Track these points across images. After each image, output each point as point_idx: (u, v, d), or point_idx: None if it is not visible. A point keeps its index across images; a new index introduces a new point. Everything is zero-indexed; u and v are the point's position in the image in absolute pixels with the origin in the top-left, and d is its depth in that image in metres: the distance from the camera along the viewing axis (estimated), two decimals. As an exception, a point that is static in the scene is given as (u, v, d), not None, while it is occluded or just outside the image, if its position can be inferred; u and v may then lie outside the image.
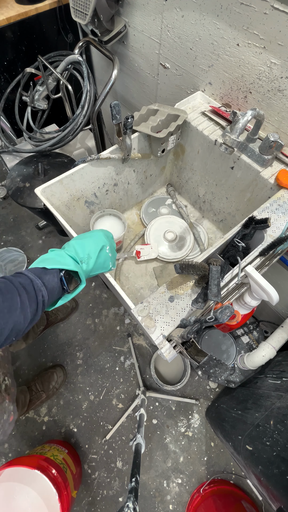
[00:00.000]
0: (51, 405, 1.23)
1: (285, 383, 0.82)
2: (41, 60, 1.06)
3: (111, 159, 0.78)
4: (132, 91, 1.21)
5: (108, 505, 1.08)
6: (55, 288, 0.48)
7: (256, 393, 0.91)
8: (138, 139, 0.82)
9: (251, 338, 1.10)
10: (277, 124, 0.72)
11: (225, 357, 1.05)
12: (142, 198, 1.09)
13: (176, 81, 0.95)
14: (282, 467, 0.65)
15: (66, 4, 1.09)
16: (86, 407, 1.22)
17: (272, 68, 0.65)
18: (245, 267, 0.54)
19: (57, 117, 1.39)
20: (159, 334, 0.51)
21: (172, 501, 1.08)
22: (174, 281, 0.57)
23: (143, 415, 0.91)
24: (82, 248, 0.54)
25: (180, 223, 1.01)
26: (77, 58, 1.02)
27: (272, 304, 0.54)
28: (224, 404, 1.07)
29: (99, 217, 0.91)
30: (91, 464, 1.13)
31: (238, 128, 0.58)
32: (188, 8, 0.75)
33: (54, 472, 0.85)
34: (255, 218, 0.62)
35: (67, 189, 0.77)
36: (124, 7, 0.94)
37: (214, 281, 0.52)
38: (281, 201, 0.67)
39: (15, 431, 1.19)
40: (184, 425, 1.19)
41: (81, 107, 1.02)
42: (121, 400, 1.23)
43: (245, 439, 0.82)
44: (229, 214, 0.94)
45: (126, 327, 1.37)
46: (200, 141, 0.84)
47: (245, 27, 0.65)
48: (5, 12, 1.02)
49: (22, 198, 1.03)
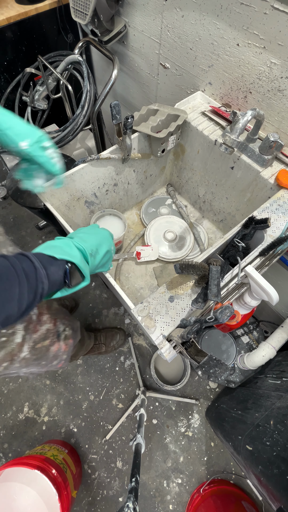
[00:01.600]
0: (51, 405, 1.23)
1: (285, 383, 0.82)
2: (41, 60, 1.06)
3: (111, 159, 0.78)
4: (132, 91, 1.21)
5: (108, 505, 1.08)
6: (57, 281, 0.44)
7: (256, 393, 0.91)
8: (138, 139, 0.82)
9: (251, 338, 1.10)
10: (277, 124, 0.72)
11: (225, 357, 1.05)
12: (142, 198, 1.09)
13: (176, 81, 0.95)
14: (282, 467, 0.65)
15: (66, 4, 1.09)
16: (86, 407, 1.22)
17: (272, 68, 0.65)
18: (245, 267, 0.54)
19: (57, 117, 1.39)
20: (159, 334, 0.51)
21: (172, 501, 1.08)
22: (174, 281, 0.57)
23: (143, 415, 0.91)
24: (91, 243, 0.51)
25: (180, 223, 1.01)
26: (77, 58, 1.02)
27: (272, 304, 0.54)
28: (224, 404, 1.07)
29: (99, 217, 0.91)
30: (91, 464, 1.13)
31: (238, 128, 0.58)
32: (188, 8, 0.75)
33: (54, 472, 0.85)
34: (255, 218, 0.62)
35: (67, 189, 0.77)
36: (124, 7, 0.94)
37: (214, 281, 0.52)
38: (281, 201, 0.67)
39: (15, 431, 1.19)
40: (184, 425, 1.19)
41: (81, 107, 1.02)
42: (121, 400, 1.23)
43: (245, 439, 0.82)
44: (229, 214, 0.94)
45: (126, 327, 1.37)
46: (200, 141, 0.84)
47: (245, 27, 0.65)
48: (5, 12, 1.02)
49: (22, 198, 1.03)
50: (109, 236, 0.58)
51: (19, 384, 1.27)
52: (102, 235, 0.56)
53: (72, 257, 0.45)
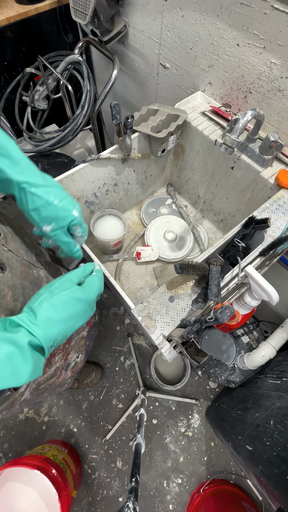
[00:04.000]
0: (51, 405, 1.23)
1: (285, 383, 0.82)
2: (41, 60, 1.06)
3: (111, 159, 0.78)
4: (132, 91, 1.21)
5: (108, 505, 1.08)
6: None
7: (256, 393, 0.91)
8: (138, 139, 0.82)
9: (251, 338, 1.10)
10: (277, 124, 0.72)
11: (225, 357, 1.05)
12: (142, 198, 1.09)
13: (176, 81, 0.95)
14: (282, 467, 0.65)
15: (66, 4, 1.09)
16: (86, 407, 1.22)
17: (272, 68, 0.65)
18: (245, 267, 0.54)
19: (57, 117, 1.39)
20: (159, 334, 0.51)
21: (172, 501, 1.08)
22: (174, 281, 0.57)
23: (143, 415, 0.91)
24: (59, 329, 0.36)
25: (180, 223, 1.01)
26: (77, 58, 1.02)
27: (272, 304, 0.54)
28: (224, 404, 1.07)
29: (99, 217, 0.91)
30: (91, 464, 1.13)
31: (238, 128, 0.58)
32: (188, 8, 0.75)
33: (54, 472, 0.84)
34: (255, 218, 0.62)
35: (67, 189, 0.77)
36: (124, 7, 0.94)
37: (214, 281, 0.52)
38: (281, 201, 0.67)
39: (15, 431, 1.19)
40: (184, 425, 1.19)
41: (81, 107, 1.02)
42: (121, 400, 1.23)
43: (245, 439, 0.82)
44: (229, 214, 0.94)
45: (126, 327, 1.37)
46: (200, 141, 0.84)
47: (245, 27, 0.65)
48: (5, 12, 1.02)
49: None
50: (90, 309, 0.41)
51: (19, 384, 1.26)
52: (81, 310, 0.39)
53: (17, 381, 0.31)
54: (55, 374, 0.58)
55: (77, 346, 0.66)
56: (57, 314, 0.36)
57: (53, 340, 0.35)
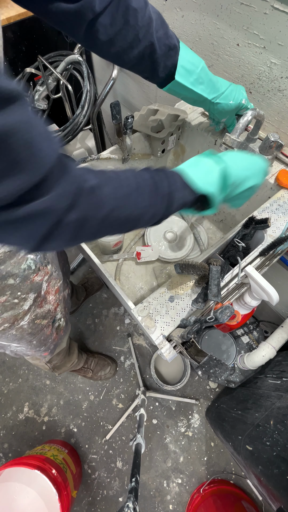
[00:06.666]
0: (51, 405, 1.23)
1: (285, 383, 0.82)
2: (41, 60, 1.06)
3: (111, 159, 0.78)
4: (132, 91, 1.21)
5: (108, 505, 1.08)
6: (181, 206, 0.43)
7: (256, 393, 0.91)
8: (138, 139, 0.82)
9: (251, 338, 1.10)
10: (277, 124, 0.72)
11: (225, 357, 1.05)
12: (142, 198, 1.09)
13: (176, 81, 0.95)
14: (282, 467, 0.65)
15: (66, 4, 1.09)
16: (86, 407, 1.22)
17: (272, 68, 0.65)
18: (245, 267, 0.54)
19: (57, 117, 1.39)
20: (159, 334, 0.51)
21: (172, 501, 1.08)
22: (174, 281, 0.57)
23: (143, 415, 0.91)
24: (240, 173, 0.46)
25: (180, 223, 1.01)
26: (77, 58, 1.02)
27: (272, 304, 0.54)
28: (224, 404, 1.07)
29: (99, 217, 0.91)
30: (91, 464, 1.13)
31: (238, 128, 0.58)
32: (188, 8, 0.75)
33: (54, 472, 0.85)
34: (255, 218, 0.62)
35: (67, 189, 0.77)
36: (124, 7, 0.94)
37: (214, 281, 0.52)
38: (281, 201, 0.67)
39: (15, 431, 1.19)
40: (184, 425, 1.19)
41: (81, 107, 1.02)
42: (121, 400, 1.23)
43: (245, 439, 0.82)
44: (229, 214, 0.94)
45: (126, 327, 1.37)
46: (200, 141, 0.84)
47: (245, 27, 0.65)
48: (5, 12, 1.02)
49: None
50: (264, 170, 0.51)
51: (19, 384, 1.27)
52: (257, 167, 0.49)
53: (208, 190, 0.43)
54: (47, 317, 0.65)
55: (62, 305, 0.71)
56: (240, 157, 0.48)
57: (233, 177, 0.45)
